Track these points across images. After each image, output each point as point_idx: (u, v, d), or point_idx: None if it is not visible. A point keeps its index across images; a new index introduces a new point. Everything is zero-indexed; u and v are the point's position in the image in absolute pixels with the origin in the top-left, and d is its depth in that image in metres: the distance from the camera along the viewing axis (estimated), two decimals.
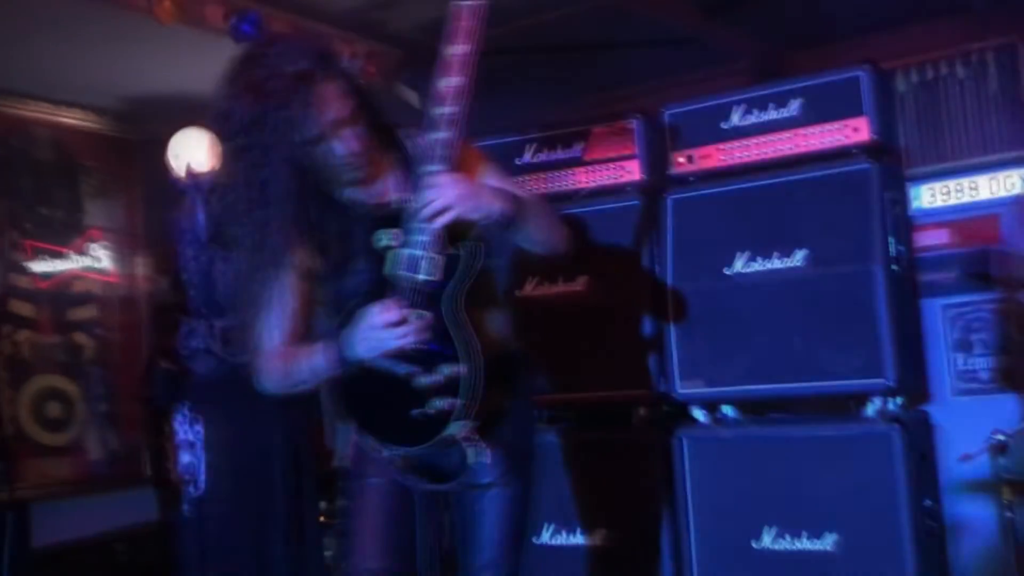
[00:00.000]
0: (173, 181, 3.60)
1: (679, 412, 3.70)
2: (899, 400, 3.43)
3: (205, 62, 3.90)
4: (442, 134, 2.02)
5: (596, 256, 3.75)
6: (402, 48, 4.33)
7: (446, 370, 2.02)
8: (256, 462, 3.37)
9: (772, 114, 3.62)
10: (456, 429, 2.01)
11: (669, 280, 3.68)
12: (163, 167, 3.69)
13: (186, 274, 3.35)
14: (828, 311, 3.43)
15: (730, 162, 3.68)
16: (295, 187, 2.06)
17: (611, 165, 3.88)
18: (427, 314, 2.03)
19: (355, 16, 4.05)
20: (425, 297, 2.04)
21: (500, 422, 2.10)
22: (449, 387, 2.02)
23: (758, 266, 3.57)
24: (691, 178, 3.74)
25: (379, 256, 2.09)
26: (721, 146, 3.70)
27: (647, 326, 3.70)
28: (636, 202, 3.78)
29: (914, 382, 3.56)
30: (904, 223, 3.62)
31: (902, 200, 3.64)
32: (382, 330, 2.00)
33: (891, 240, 3.43)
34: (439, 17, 2.07)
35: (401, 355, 2.04)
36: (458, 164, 2.05)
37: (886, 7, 4.84)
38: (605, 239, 3.77)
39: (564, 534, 3.70)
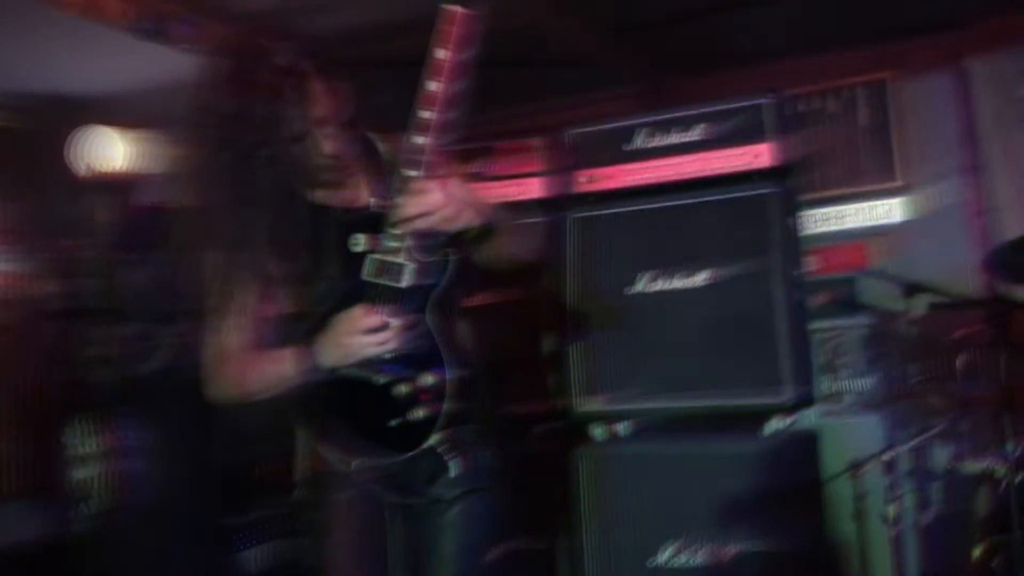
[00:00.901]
0: (74, 179, 3.41)
1: (579, 429, 3.73)
2: (794, 418, 3.56)
3: (107, 59, 3.77)
4: (425, 139, 1.99)
5: (497, 272, 3.75)
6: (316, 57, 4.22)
7: (428, 378, 1.99)
8: (155, 481, 3.21)
9: (675, 138, 3.72)
10: (437, 440, 1.98)
11: (571, 297, 3.72)
12: (61, 164, 3.49)
13: (92, 277, 3.18)
14: (729, 330, 3.54)
15: (632, 183, 3.76)
16: (281, 185, 1.99)
17: (513, 182, 3.91)
18: (403, 321, 1.99)
19: (268, 20, 3.92)
20: (404, 304, 2.00)
21: (469, 434, 2.08)
22: (431, 395, 1.98)
23: (660, 285, 3.65)
24: (592, 197, 3.79)
25: (354, 261, 2.03)
26: (624, 167, 3.77)
27: (548, 343, 3.73)
28: (538, 219, 3.82)
29: (808, 400, 3.70)
30: (801, 246, 3.78)
31: (799, 224, 3.79)
32: (362, 336, 1.95)
33: (791, 263, 3.56)
34: (359, 24, 2.04)
35: (378, 363, 1.99)
36: (437, 171, 2.03)
37: (764, 42, 5.07)
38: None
39: None
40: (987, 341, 3.50)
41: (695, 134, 3.70)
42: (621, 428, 3.70)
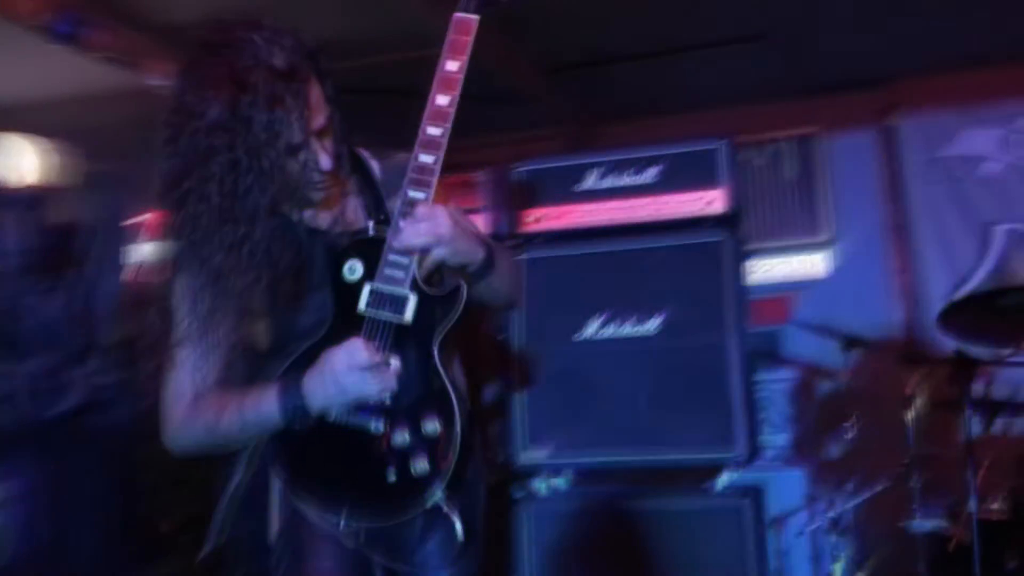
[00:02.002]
0: None
1: (522, 481, 3.52)
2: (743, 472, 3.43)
3: (17, 63, 3.43)
4: (427, 157, 1.77)
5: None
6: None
7: (430, 426, 1.74)
8: (62, 528, 2.85)
9: (627, 179, 3.58)
10: (440, 497, 1.73)
11: (516, 342, 3.52)
12: None
13: None
14: (680, 381, 3.39)
15: (582, 224, 3.60)
16: (270, 203, 1.73)
17: None
18: (402, 360, 1.76)
19: (184, 32, 3.66)
20: (406, 340, 1.76)
21: (463, 492, 1.83)
22: (434, 446, 1.74)
23: (611, 332, 3.49)
24: (540, 238, 3.61)
25: (349, 290, 1.78)
26: (574, 207, 3.61)
27: (491, 390, 3.52)
28: None
29: (757, 454, 3.58)
30: (747, 296, 3.68)
31: (746, 273, 3.69)
32: (360, 373, 1.70)
33: (742, 313, 3.45)
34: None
35: (373, 407, 1.74)
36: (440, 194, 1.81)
37: (695, 91, 5.03)
38: None
39: None
40: (941, 397, 3.45)
41: (647, 176, 3.57)
42: (561, 481, 3.50)
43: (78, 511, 2.87)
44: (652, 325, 3.46)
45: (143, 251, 3.56)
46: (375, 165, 1.98)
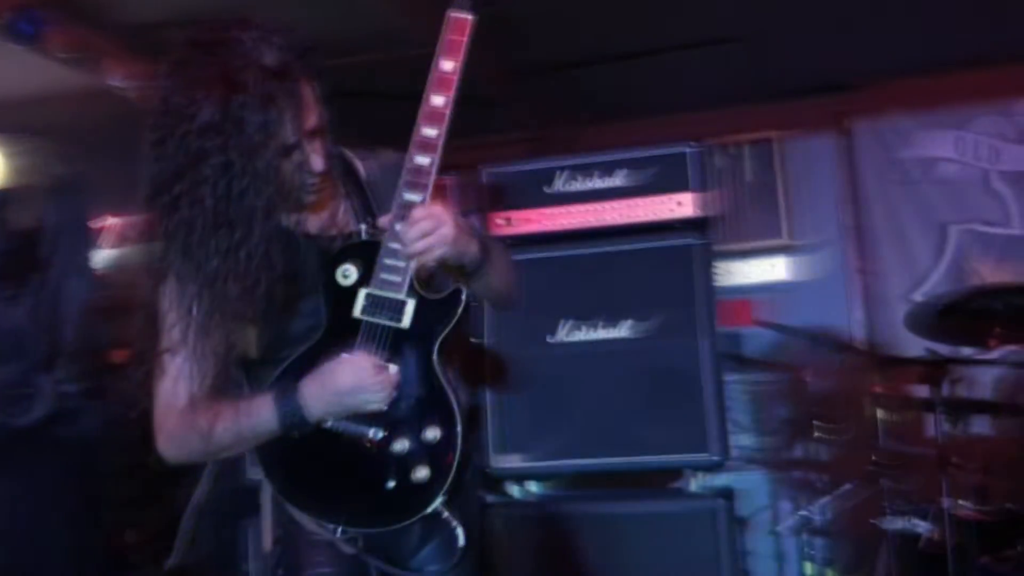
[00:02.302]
0: None
1: (496, 486, 3.49)
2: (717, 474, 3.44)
3: None
4: (424, 159, 1.74)
5: None
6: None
7: (430, 433, 1.71)
8: (26, 548, 2.76)
9: (597, 183, 3.57)
10: (440, 503, 1.70)
11: (488, 346, 3.49)
12: None
13: None
14: (653, 383, 3.39)
15: (552, 228, 3.58)
16: (263, 206, 1.68)
17: None
18: (396, 368, 1.73)
19: (150, 34, 3.58)
20: (401, 345, 1.73)
21: (461, 497, 1.81)
22: (435, 452, 1.71)
23: (582, 335, 3.47)
24: (509, 241, 3.59)
25: (344, 295, 1.75)
26: (543, 211, 3.59)
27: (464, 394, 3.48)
28: None
29: (727, 457, 3.59)
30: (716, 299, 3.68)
31: (716, 277, 3.70)
32: (365, 386, 1.67)
33: (713, 316, 3.45)
34: None
35: (369, 415, 1.71)
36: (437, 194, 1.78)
37: (655, 95, 5.05)
38: None
39: None
40: (907, 397, 3.49)
41: (618, 179, 3.56)
42: (535, 486, 3.48)
43: (46, 525, 2.79)
44: (624, 328, 3.45)
45: (111, 256, 3.49)
46: (360, 166, 1.94)
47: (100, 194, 2.91)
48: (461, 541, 1.74)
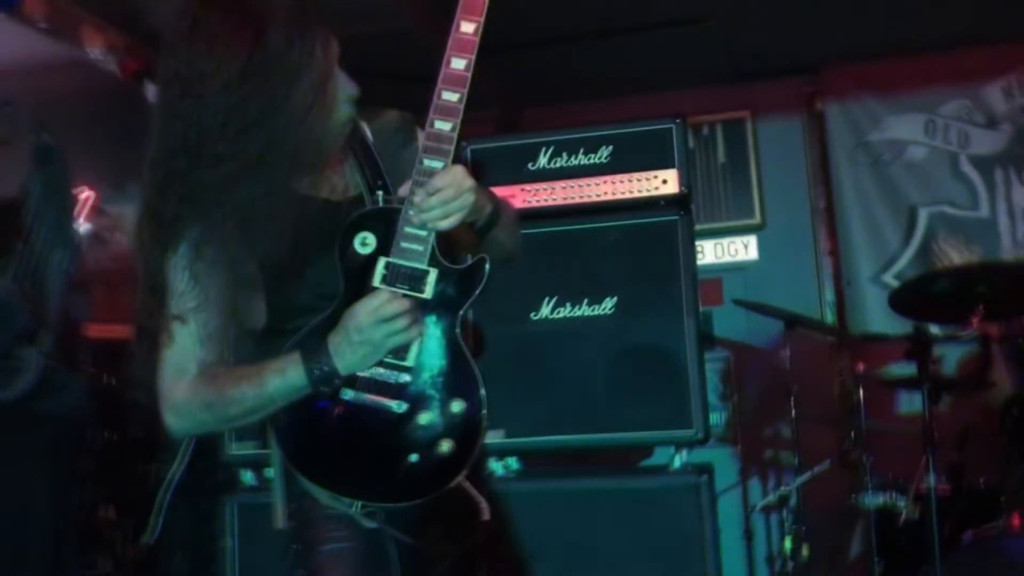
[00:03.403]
0: None
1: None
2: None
3: None
4: (444, 124, 1.72)
5: None
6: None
7: (456, 406, 1.69)
8: (7, 523, 2.70)
9: (581, 159, 3.55)
10: (464, 477, 1.69)
11: (469, 322, 3.47)
12: None
13: None
14: (636, 361, 3.39)
15: (535, 204, 3.56)
16: (296, 160, 1.64)
17: None
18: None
19: (116, 3, 3.50)
20: (423, 317, 1.70)
21: (480, 469, 1.80)
22: (460, 426, 1.69)
23: (564, 313, 3.46)
24: None
25: (358, 265, 1.71)
26: (526, 187, 3.57)
27: None
28: None
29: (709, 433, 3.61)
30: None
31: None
32: (390, 324, 1.63)
33: (695, 293, 3.46)
34: None
35: (390, 389, 1.68)
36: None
37: (627, 74, 5.04)
38: None
39: None
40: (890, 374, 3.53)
41: (601, 156, 3.54)
42: (515, 462, 3.47)
43: (28, 501, 2.73)
44: (606, 306, 3.44)
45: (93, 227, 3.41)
46: (364, 127, 1.90)
47: (79, 165, 2.84)
48: (486, 515, 1.73)
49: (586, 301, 3.45)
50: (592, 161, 3.55)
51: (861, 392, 3.63)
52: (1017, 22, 4.44)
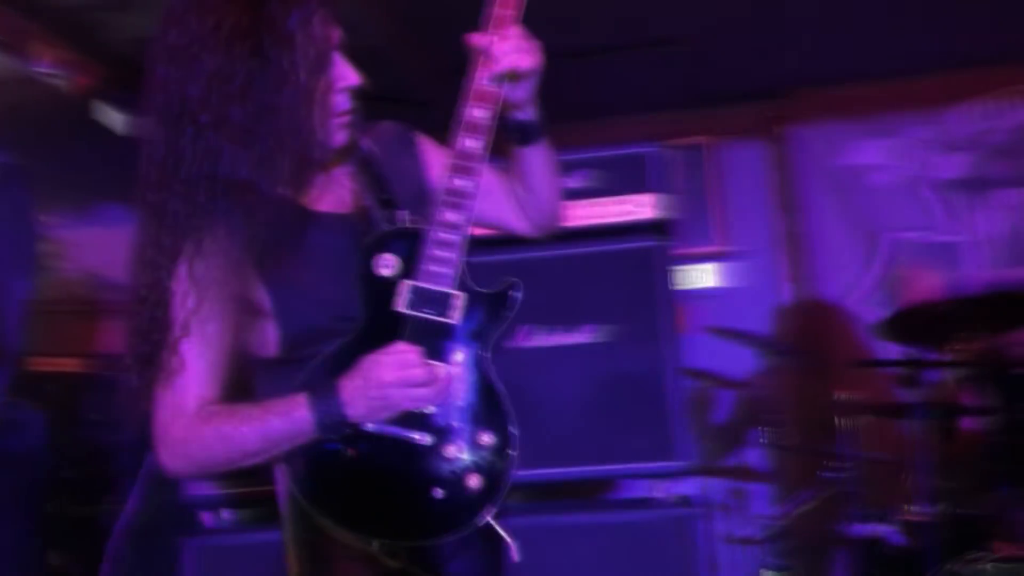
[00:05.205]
0: None
1: None
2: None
3: None
4: (474, 141, 1.63)
5: None
6: (111, 62, 3.64)
7: (486, 439, 1.58)
8: None
9: None
10: (490, 514, 1.56)
11: None
12: None
13: None
14: (615, 390, 3.30)
15: None
16: (290, 144, 1.54)
17: None
18: (449, 368, 1.58)
19: (67, 18, 3.34)
20: (451, 344, 1.58)
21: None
22: (489, 461, 1.59)
23: (541, 340, 3.36)
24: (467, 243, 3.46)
25: (378, 288, 1.60)
26: None
27: None
28: None
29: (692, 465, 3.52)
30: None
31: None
32: (414, 389, 1.52)
33: (673, 321, 3.39)
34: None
35: (420, 418, 1.56)
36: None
37: (588, 99, 4.98)
38: None
39: None
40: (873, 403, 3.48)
41: (576, 180, 3.46)
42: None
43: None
44: (584, 333, 3.35)
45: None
46: (365, 140, 1.79)
47: (41, 186, 2.67)
48: (515, 556, 1.61)
49: (562, 328, 3.35)
50: (567, 186, 3.46)
51: (838, 419, 3.57)
52: (979, 49, 4.48)
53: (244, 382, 1.63)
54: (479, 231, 3.43)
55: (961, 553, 3.22)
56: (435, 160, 1.81)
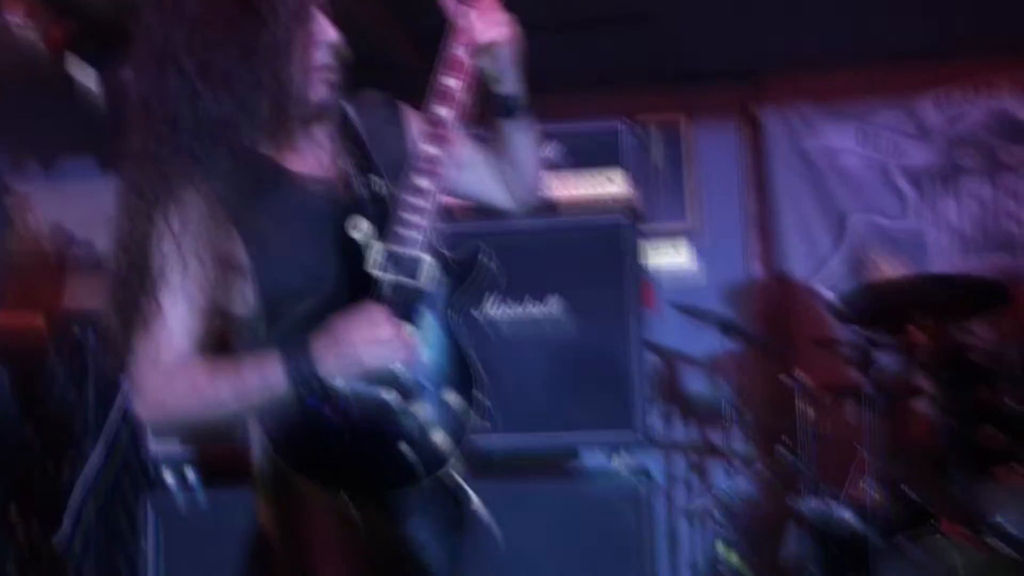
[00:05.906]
0: None
1: None
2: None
3: None
4: (446, 109, 1.65)
5: None
6: (84, 18, 3.61)
7: (451, 397, 1.63)
8: None
9: None
10: (456, 467, 1.64)
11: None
12: None
13: None
14: (578, 362, 3.35)
15: None
16: (282, 88, 1.59)
17: None
18: (416, 329, 1.63)
19: None
20: (419, 305, 1.64)
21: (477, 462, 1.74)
22: (454, 418, 1.65)
23: (507, 313, 3.40)
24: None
25: (351, 249, 1.64)
26: None
27: None
28: None
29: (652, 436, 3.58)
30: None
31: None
32: (382, 347, 1.56)
33: (639, 295, 3.43)
34: None
35: (389, 376, 1.60)
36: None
37: (558, 71, 4.98)
38: None
39: None
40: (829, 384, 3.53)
41: (549, 153, 3.49)
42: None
43: None
44: (550, 306, 3.39)
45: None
46: (347, 108, 1.82)
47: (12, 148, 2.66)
48: (477, 507, 1.67)
49: (529, 301, 3.39)
50: None
51: (796, 398, 3.64)
52: (949, 38, 4.53)
53: (223, 340, 1.67)
54: (455, 201, 3.50)
55: (909, 531, 3.31)
56: (418, 130, 1.84)
